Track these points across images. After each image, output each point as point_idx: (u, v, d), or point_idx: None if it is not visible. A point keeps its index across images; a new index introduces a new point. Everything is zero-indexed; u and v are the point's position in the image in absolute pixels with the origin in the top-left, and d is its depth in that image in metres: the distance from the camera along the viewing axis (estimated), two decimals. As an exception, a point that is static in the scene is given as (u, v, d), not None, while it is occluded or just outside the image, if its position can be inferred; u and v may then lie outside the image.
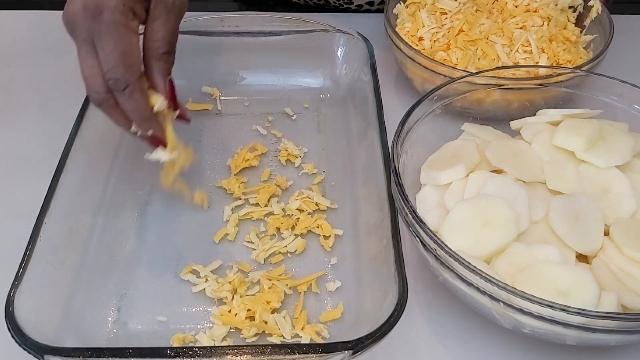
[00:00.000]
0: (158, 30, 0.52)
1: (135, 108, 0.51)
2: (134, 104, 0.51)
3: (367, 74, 0.70)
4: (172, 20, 0.52)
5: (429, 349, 0.53)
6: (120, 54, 0.49)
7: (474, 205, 0.51)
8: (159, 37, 0.52)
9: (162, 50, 0.52)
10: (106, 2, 0.48)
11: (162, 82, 0.54)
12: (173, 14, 0.52)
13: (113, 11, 0.48)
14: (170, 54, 0.53)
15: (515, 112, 0.65)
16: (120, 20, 0.48)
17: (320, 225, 0.60)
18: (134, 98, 0.51)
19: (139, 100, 0.51)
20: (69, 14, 0.49)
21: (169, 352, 0.44)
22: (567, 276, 0.47)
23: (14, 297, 0.47)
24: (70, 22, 0.49)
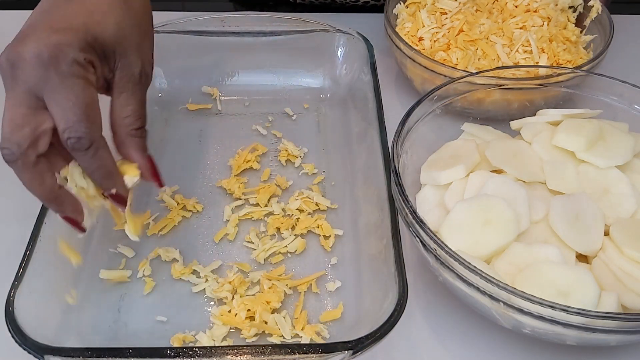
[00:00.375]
0: (126, 104, 0.47)
1: (100, 166, 0.46)
2: (99, 162, 0.46)
3: (367, 74, 0.70)
4: (140, 92, 0.48)
5: (429, 349, 0.53)
6: (82, 110, 0.43)
7: (474, 205, 0.51)
8: (129, 112, 0.48)
9: (135, 125, 0.48)
10: (65, 53, 0.42)
11: (142, 159, 0.49)
12: (140, 85, 0.48)
13: (72, 63, 0.43)
14: (143, 128, 0.49)
15: (515, 112, 0.65)
16: (79, 73, 0.43)
17: (320, 226, 0.60)
18: (99, 156, 0.45)
19: (104, 158, 0.46)
20: (13, 56, 0.42)
21: (169, 352, 0.44)
22: (567, 276, 0.47)
23: (14, 297, 0.47)
24: (11, 61, 0.42)
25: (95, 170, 0.47)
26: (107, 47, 0.45)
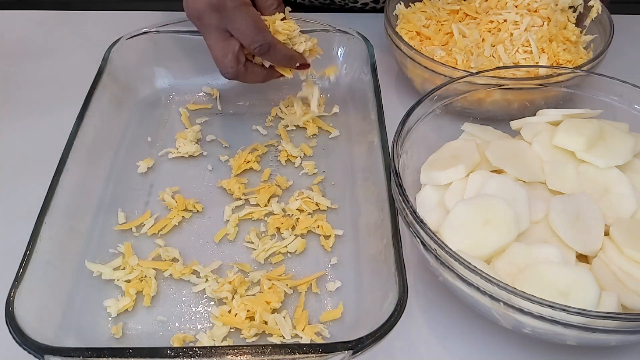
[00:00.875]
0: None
1: (284, 56, 0.63)
2: (280, 55, 0.63)
3: (367, 74, 0.70)
4: None
5: (429, 349, 0.53)
6: (253, 27, 0.60)
7: (474, 205, 0.51)
8: None
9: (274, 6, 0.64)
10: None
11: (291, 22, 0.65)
12: None
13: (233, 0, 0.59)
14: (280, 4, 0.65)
15: (516, 112, 0.65)
16: (240, 2, 0.59)
17: (320, 226, 0.60)
18: (278, 50, 0.62)
19: (283, 49, 0.63)
20: (195, 11, 0.60)
21: (169, 352, 0.44)
22: (567, 276, 0.47)
23: (14, 297, 0.47)
24: (198, 16, 0.60)
25: (280, 61, 0.64)
26: None
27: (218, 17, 0.59)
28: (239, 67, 0.62)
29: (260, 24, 0.60)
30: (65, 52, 0.85)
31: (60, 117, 0.66)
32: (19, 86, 0.79)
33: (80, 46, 0.86)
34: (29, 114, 0.75)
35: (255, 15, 0.60)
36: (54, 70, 0.81)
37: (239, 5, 0.59)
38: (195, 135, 0.70)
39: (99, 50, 0.71)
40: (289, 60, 0.65)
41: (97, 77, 0.68)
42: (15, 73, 0.81)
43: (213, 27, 0.60)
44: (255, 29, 0.60)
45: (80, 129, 0.61)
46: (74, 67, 0.81)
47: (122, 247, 0.58)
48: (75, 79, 0.74)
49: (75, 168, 0.59)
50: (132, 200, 0.63)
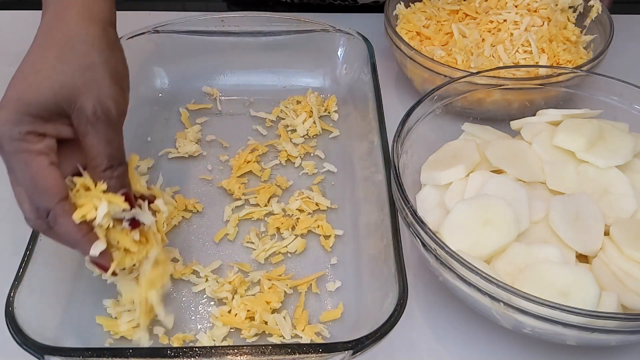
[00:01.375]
0: (89, 147, 0.46)
1: (63, 233, 0.46)
2: (61, 230, 0.45)
3: (367, 74, 0.70)
4: (101, 131, 0.46)
5: (429, 349, 0.53)
6: (30, 182, 0.44)
7: (474, 205, 0.51)
8: (92, 155, 0.46)
9: (100, 168, 0.46)
10: (1, 132, 0.44)
11: None
12: (100, 123, 0.45)
13: (10, 141, 0.44)
14: (112, 168, 0.46)
15: (516, 112, 0.65)
16: (20, 148, 0.44)
17: (320, 226, 0.60)
18: (59, 223, 0.45)
19: (64, 225, 0.45)
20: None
21: (169, 352, 0.44)
22: (567, 276, 0.47)
23: (14, 297, 0.47)
24: None
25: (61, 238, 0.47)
26: (47, 104, 0.44)
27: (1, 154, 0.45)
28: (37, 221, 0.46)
29: (41, 181, 0.44)
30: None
31: (60, 117, 0.66)
32: (19, 86, 0.79)
33: (80, 46, 0.86)
34: (29, 114, 0.75)
35: (39, 169, 0.44)
36: (54, 70, 0.81)
37: (18, 152, 0.43)
38: (195, 135, 0.70)
39: (99, 50, 0.71)
40: (72, 243, 0.46)
41: (97, 77, 0.68)
42: (15, 73, 0.81)
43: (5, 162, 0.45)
44: (33, 185, 0.44)
45: (80, 129, 0.61)
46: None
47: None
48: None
49: (76, 168, 0.59)
50: (132, 200, 0.63)
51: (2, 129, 0.44)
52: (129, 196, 0.47)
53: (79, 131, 0.46)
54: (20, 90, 0.44)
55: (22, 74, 0.46)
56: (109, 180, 0.46)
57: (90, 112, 0.45)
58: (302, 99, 0.74)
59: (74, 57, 0.46)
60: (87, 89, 0.45)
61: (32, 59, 0.46)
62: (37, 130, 0.44)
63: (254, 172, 0.66)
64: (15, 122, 0.44)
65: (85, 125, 0.45)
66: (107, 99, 0.46)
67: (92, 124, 0.45)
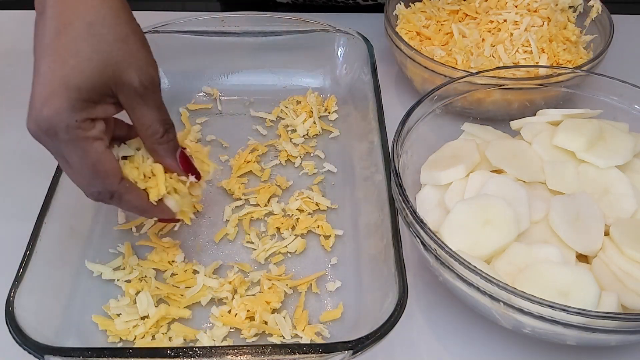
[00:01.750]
0: (141, 117, 0.47)
1: (131, 208, 0.49)
2: (127, 205, 0.49)
3: (367, 74, 0.70)
4: (151, 100, 0.47)
5: (429, 349, 0.53)
6: (91, 169, 0.45)
7: (474, 205, 0.51)
8: (147, 124, 0.48)
9: (157, 135, 0.48)
10: (57, 122, 0.43)
11: (174, 162, 0.51)
12: (145, 94, 0.46)
13: (67, 130, 0.43)
14: (168, 132, 0.49)
15: (516, 112, 0.65)
16: (78, 135, 0.44)
17: (320, 226, 0.60)
18: (125, 201, 0.48)
19: (131, 201, 0.48)
20: (31, 131, 0.45)
21: (169, 352, 0.44)
22: (567, 276, 0.47)
23: (14, 297, 0.47)
24: (35, 138, 0.45)
25: (129, 210, 0.50)
26: (96, 86, 0.44)
27: (53, 144, 0.45)
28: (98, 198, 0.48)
29: (99, 167, 0.46)
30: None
31: (60, 117, 0.66)
32: (19, 86, 0.79)
33: (80, 46, 0.86)
34: (29, 114, 0.75)
35: (96, 154, 0.45)
36: (54, 70, 0.81)
37: (75, 140, 0.44)
38: (195, 135, 0.70)
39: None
40: (141, 212, 0.50)
41: (97, 77, 0.68)
42: (15, 73, 0.81)
43: (53, 153, 0.46)
44: (93, 173, 0.46)
45: (80, 129, 0.61)
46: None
47: (122, 247, 0.58)
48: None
49: (75, 168, 0.59)
50: (132, 200, 0.63)
51: (58, 118, 0.43)
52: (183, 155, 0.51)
53: (127, 106, 0.46)
54: (64, 76, 0.43)
55: (59, 58, 0.43)
56: (167, 144, 0.49)
57: (137, 84, 0.45)
58: (302, 99, 0.74)
59: (107, 32, 0.44)
60: (127, 62, 0.45)
61: (63, 41, 0.43)
62: (90, 115, 0.45)
63: (254, 172, 0.66)
64: (69, 109, 0.43)
65: (134, 98, 0.46)
66: (148, 67, 0.46)
67: (142, 95, 0.46)
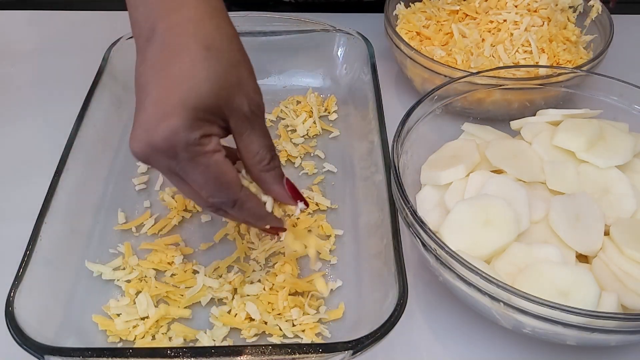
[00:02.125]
0: (250, 143, 0.47)
1: (249, 215, 0.49)
2: (247, 213, 0.49)
3: (367, 74, 0.70)
4: (258, 125, 0.48)
5: (429, 349, 0.53)
6: (214, 182, 0.46)
7: (474, 205, 0.51)
8: (254, 151, 0.48)
9: (265, 162, 0.48)
10: (175, 142, 0.43)
11: (282, 190, 0.50)
12: (255, 119, 0.47)
13: (186, 148, 0.43)
14: (273, 159, 0.49)
15: (516, 112, 0.65)
16: (198, 152, 0.44)
17: (320, 226, 0.60)
18: (246, 208, 0.48)
19: (251, 208, 0.49)
20: (140, 154, 0.44)
21: (169, 352, 0.44)
22: (567, 276, 0.47)
23: (14, 297, 0.47)
24: (144, 159, 0.45)
25: (247, 219, 0.50)
26: (211, 106, 0.44)
27: (168, 164, 0.45)
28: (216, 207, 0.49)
29: (222, 178, 0.46)
30: (65, 52, 0.85)
31: (60, 117, 0.66)
32: (19, 86, 0.79)
33: (80, 46, 0.86)
34: (29, 114, 0.75)
35: (218, 166, 0.45)
36: (54, 70, 0.81)
37: (196, 157, 0.44)
38: None
39: (99, 50, 0.71)
40: (258, 219, 0.51)
41: (97, 77, 0.68)
42: (15, 73, 0.81)
43: (165, 172, 0.46)
44: (216, 185, 0.46)
45: (80, 129, 0.61)
46: (74, 67, 0.81)
47: (122, 247, 0.58)
48: (75, 79, 0.74)
49: (75, 168, 0.59)
50: (132, 200, 0.63)
51: (177, 138, 0.43)
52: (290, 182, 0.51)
53: (236, 131, 0.47)
54: (181, 97, 0.43)
55: (175, 80, 0.43)
56: (273, 171, 0.49)
57: (247, 110, 0.46)
58: (302, 99, 0.74)
59: (222, 57, 0.45)
60: (239, 87, 0.45)
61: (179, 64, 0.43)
62: (207, 132, 0.44)
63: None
64: (188, 128, 0.43)
65: (244, 123, 0.46)
66: (255, 94, 0.47)
67: (250, 121, 0.46)
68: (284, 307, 0.53)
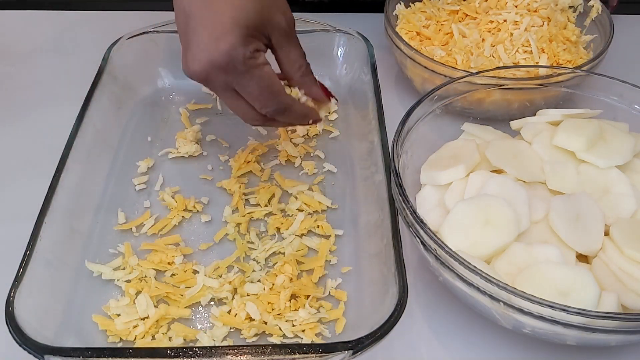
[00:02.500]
0: (289, 53, 0.55)
1: (297, 117, 0.57)
2: (295, 115, 0.56)
3: (367, 74, 0.70)
4: (294, 38, 0.55)
5: (429, 349, 0.53)
6: (267, 92, 0.52)
7: (474, 205, 0.51)
8: (294, 59, 0.55)
9: (303, 67, 0.56)
10: (234, 56, 0.49)
11: (318, 90, 0.58)
12: (291, 31, 0.54)
13: (243, 62, 0.50)
14: (308, 64, 0.57)
15: (516, 112, 0.65)
16: (253, 64, 0.50)
17: (320, 226, 0.60)
18: (294, 111, 0.55)
19: (298, 111, 0.56)
20: (200, 72, 0.50)
21: (169, 352, 0.44)
22: (567, 276, 0.47)
23: (14, 297, 0.47)
24: (202, 78, 0.51)
25: (295, 121, 0.58)
26: (257, 24, 0.51)
27: (225, 79, 0.51)
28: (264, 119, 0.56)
29: (274, 87, 0.53)
30: (65, 52, 0.85)
31: (60, 117, 0.66)
32: (19, 86, 0.79)
33: (80, 46, 0.86)
34: (29, 114, 0.75)
35: (270, 77, 0.52)
36: (54, 70, 0.81)
37: (251, 70, 0.51)
38: (195, 135, 0.70)
39: (99, 50, 0.71)
40: (303, 118, 0.58)
41: (97, 77, 0.68)
42: (15, 73, 0.81)
43: (221, 88, 0.52)
44: (269, 93, 0.53)
45: (80, 129, 0.61)
46: (74, 67, 0.81)
47: (122, 247, 0.58)
48: (75, 79, 0.74)
49: (75, 168, 0.59)
50: (132, 200, 0.63)
51: (236, 52, 0.49)
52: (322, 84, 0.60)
53: (278, 44, 0.54)
54: (233, 16, 0.49)
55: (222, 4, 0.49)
56: (311, 74, 0.57)
57: (285, 25, 0.53)
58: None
59: None
60: (275, 7, 0.52)
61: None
62: (257, 47, 0.51)
63: (254, 172, 0.66)
64: (243, 43, 0.49)
65: (283, 37, 0.53)
66: (288, 10, 0.54)
67: (288, 34, 0.54)
68: (285, 307, 0.53)
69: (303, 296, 0.54)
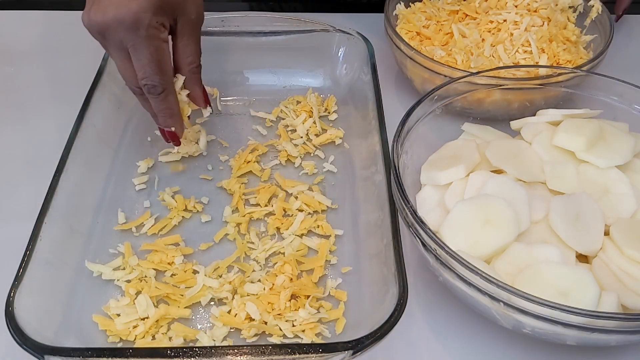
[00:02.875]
0: (187, 45, 0.57)
1: (167, 108, 0.58)
2: (166, 105, 0.57)
3: (367, 74, 0.70)
4: (197, 33, 0.57)
5: (429, 349, 0.53)
6: (155, 64, 0.54)
7: (474, 205, 0.51)
8: (190, 53, 0.58)
9: (195, 64, 0.58)
10: (141, 18, 0.51)
11: (200, 92, 0.61)
12: (197, 27, 0.56)
13: (148, 27, 0.52)
14: (200, 66, 0.59)
15: (516, 112, 0.65)
16: (154, 34, 0.53)
17: (320, 226, 0.60)
18: (168, 100, 0.57)
19: (171, 102, 0.58)
20: (98, 24, 0.52)
21: (169, 352, 0.44)
22: (567, 276, 0.47)
23: (14, 297, 0.47)
24: (100, 30, 0.53)
25: (162, 111, 0.58)
26: (171, 2, 0.53)
27: (123, 37, 0.52)
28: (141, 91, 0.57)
29: (163, 65, 0.55)
30: (65, 52, 0.85)
31: (60, 117, 0.66)
32: (19, 86, 0.79)
33: (80, 46, 0.85)
34: (29, 114, 0.75)
35: (164, 54, 0.54)
36: (54, 70, 0.81)
37: (152, 38, 0.53)
38: (195, 135, 0.70)
39: (99, 50, 0.71)
40: (170, 116, 0.59)
41: (97, 77, 0.68)
42: (15, 73, 0.81)
43: (116, 46, 0.54)
44: (156, 67, 0.54)
45: (80, 129, 0.61)
46: (74, 67, 0.81)
47: (122, 247, 0.58)
48: (75, 79, 0.74)
49: (75, 168, 0.59)
50: (132, 200, 0.63)
51: (143, 16, 0.51)
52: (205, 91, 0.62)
53: (180, 32, 0.56)
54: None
55: None
56: (198, 75, 0.59)
57: (194, 17, 0.55)
58: (302, 99, 0.75)
59: None
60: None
61: None
62: (164, 22, 0.53)
63: (254, 172, 0.66)
64: (153, 10, 0.52)
65: (187, 27, 0.55)
66: (200, 8, 0.57)
67: (193, 28, 0.56)
68: (285, 307, 0.53)
69: (303, 296, 0.54)
